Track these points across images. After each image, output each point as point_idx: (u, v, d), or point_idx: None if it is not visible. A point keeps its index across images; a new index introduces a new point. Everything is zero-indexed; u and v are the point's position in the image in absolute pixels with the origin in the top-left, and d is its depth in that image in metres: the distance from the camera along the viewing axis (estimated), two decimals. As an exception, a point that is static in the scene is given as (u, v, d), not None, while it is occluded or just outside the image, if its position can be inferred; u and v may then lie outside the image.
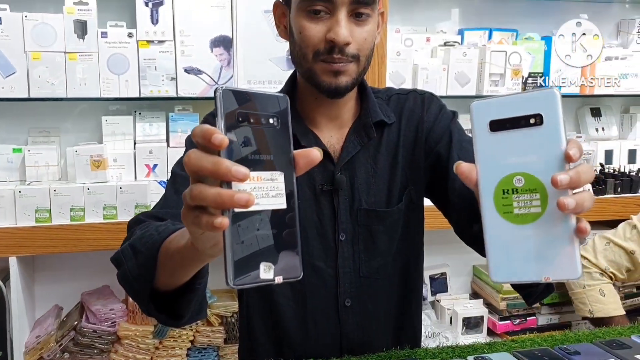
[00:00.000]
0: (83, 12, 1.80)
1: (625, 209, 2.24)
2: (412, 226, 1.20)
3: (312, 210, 1.12)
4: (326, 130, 1.14)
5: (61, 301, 2.08)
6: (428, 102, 1.19)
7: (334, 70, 1.02)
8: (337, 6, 0.99)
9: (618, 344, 1.14)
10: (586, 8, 2.43)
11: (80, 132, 2.01)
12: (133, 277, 0.86)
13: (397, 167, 1.16)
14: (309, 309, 1.15)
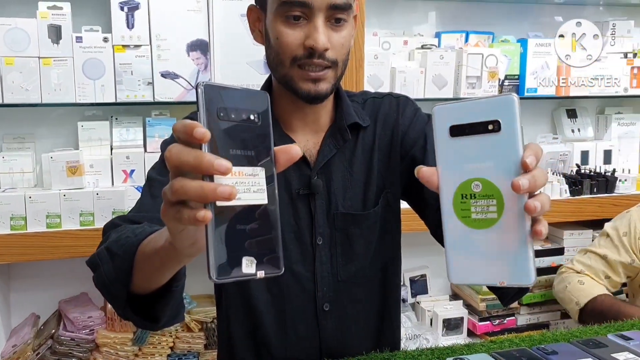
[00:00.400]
0: (57, 16, 1.78)
1: (601, 209, 2.27)
2: (389, 229, 1.20)
3: (290, 214, 1.13)
4: (302, 135, 1.14)
5: (38, 309, 2.05)
6: (403, 105, 1.20)
7: (313, 78, 1.03)
8: (315, 12, 1.00)
9: (595, 343, 1.16)
10: (561, 10, 2.47)
11: (55, 138, 1.98)
12: (109, 280, 0.85)
13: (373, 170, 1.16)
14: (287, 314, 1.15)
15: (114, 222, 0.99)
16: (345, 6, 1.01)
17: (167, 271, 0.78)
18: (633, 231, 1.84)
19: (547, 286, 2.28)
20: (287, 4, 1.00)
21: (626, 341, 1.17)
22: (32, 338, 1.87)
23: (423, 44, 2.19)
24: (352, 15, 1.08)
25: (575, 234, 2.32)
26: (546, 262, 2.27)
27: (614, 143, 2.46)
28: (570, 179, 2.27)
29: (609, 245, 1.87)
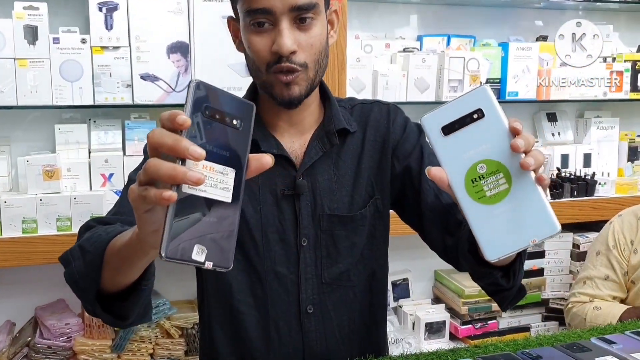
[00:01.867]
0: (33, 17, 1.74)
1: (581, 212, 2.29)
2: (377, 236, 1.21)
3: (274, 215, 1.13)
4: (288, 136, 1.15)
5: (14, 316, 2.00)
6: (394, 114, 1.22)
7: (284, 81, 1.04)
8: (277, 17, 1.01)
9: (578, 347, 1.17)
10: (541, 15, 2.49)
11: (31, 141, 1.94)
12: (80, 275, 0.89)
13: (361, 175, 1.17)
14: (270, 316, 1.15)
15: (89, 224, 1.01)
16: (308, 6, 1.01)
17: (135, 266, 0.81)
18: (618, 241, 1.84)
19: (528, 289, 2.29)
20: (250, 13, 1.02)
21: (609, 345, 1.17)
22: (7, 346, 1.83)
23: (405, 47, 2.19)
24: (327, 11, 1.09)
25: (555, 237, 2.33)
26: (527, 265, 2.28)
27: (594, 146, 2.48)
28: (551, 182, 2.28)
29: (605, 264, 1.85)
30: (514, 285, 1.01)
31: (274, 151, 1.11)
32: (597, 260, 1.87)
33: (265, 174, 1.10)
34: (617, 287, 1.83)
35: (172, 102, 1.87)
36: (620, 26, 2.56)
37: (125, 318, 0.91)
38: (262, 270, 1.14)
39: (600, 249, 1.88)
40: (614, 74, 2.40)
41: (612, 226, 1.87)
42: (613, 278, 1.82)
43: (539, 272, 2.31)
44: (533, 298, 2.31)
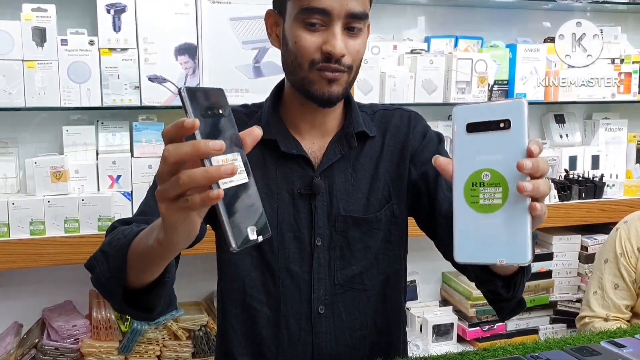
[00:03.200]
0: (42, 18, 1.75)
1: (589, 214, 2.28)
2: (392, 241, 1.21)
3: (290, 213, 1.14)
4: (309, 138, 1.17)
5: (21, 318, 2.00)
6: (415, 122, 1.23)
7: (329, 79, 1.06)
8: (333, 20, 1.03)
9: (588, 351, 1.16)
10: (549, 16, 2.48)
11: (39, 142, 1.94)
12: (105, 279, 0.92)
13: (378, 179, 1.18)
14: (282, 314, 1.16)
15: (113, 225, 1.04)
16: (362, 15, 1.05)
17: (160, 266, 0.85)
18: (626, 249, 1.83)
19: (536, 291, 2.28)
20: (307, 10, 1.03)
21: (619, 348, 1.16)
22: (14, 348, 1.83)
23: (412, 49, 2.19)
24: (367, 24, 1.12)
25: (564, 239, 2.33)
26: (535, 267, 2.27)
27: (602, 148, 2.47)
28: (559, 184, 2.27)
29: (614, 272, 1.84)
30: (514, 297, 1.02)
31: (294, 151, 1.13)
32: (606, 268, 1.86)
33: (284, 173, 1.14)
34: (628, 296, 1.82)
35: (179, 104, 1.86)
36: (628, 28, 2.55)
37: (152, 310, 0.94)
38: (275, 268, 1.15)
39: (608, 257, 1.87)
40: (622, 75, 2.39)
41: (619, 233, 1.86)
42: (623, 286, 1.81)
43: (547, 275, 2.30)
44: (541, 300, 2.29)
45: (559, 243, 2.32)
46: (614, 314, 1.82)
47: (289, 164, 1.14)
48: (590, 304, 1.86)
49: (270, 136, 1.13)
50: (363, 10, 1.05)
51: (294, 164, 1.15)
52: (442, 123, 2.29)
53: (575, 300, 2.35)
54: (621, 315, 1.82)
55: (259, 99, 1.22)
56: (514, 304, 1.05)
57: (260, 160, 1.15)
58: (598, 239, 2.32)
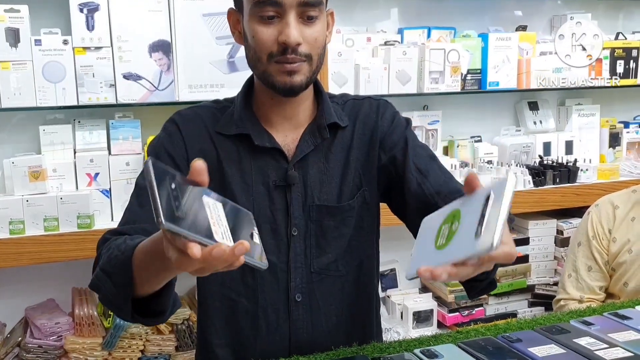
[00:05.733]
0: (15, 19, 1.76)
1: (564, 198, 2.32)
2: (365, 227, 1.24)
3: (266, 205, 1.17)
4: (281, 130, 1.19)
5: (4, 317, 2.01)
6: (383, 109, 1.25)
7: (288, 70, 1.08)
8: (286, 10, 1.05)
9: (558, 330, 1.19)
10: (520, 5, 2.52)
11: (17, 142, 1.95)
12: (113, 296, 0.95)
13: (350, 168, 1.21)
14: (260, 304, 1.18)
15: (105, 237, 1.06)
16: (316, 2, 1.06)
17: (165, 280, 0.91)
18: (597, 232, 1.87)
19: (514, 276, 2.33)
20: (259, 3, 1.05)
21: (588, 326, 1.20)
22: (-2, 347, 1.85)
23: (386, 41, 2.22)
24: (327, 11, 1.14)
25: (540, 223, 2.38)
26: (512, 253, 2.31)
27: (575, 134, 2.51)
28: (533, 169, 2.31)
29: (587, 254, 1.88)
30: (487, 278, 1.05)
31: (267, 144, 1.15)
32: (580, 251, 1.90)
33: (259, 166, 1.16)
34: (601, 277, 1.86)
35: (155, 101, 1.89)
36: (599, 14, 2.59)
37: (163, 313, 0.98)
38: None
39: (581, 240, 1.91)
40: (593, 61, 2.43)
41: (590, 217, 1.90)
42: (595, 268, 1.86)
43: (524, 259, 2.34)
44: (519, 284, 2.34)
45: (535, 228, 2.36)
46: (587, 295, 1.86)
47: (263, 157, 1.17)
48: (565, 287, 1.91)
49: (243, 131, 1.16)
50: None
51: (268, 157, 1.17)
52: (418, 113, 2.32)
53: (553, 284, 2.39)
54: (595, 297, 1.86)
55: (234, 94, 1.23)
56: (485, 284, 1.08)
57: (235, 155, 1.17)
58: (573, 223, 2.36)
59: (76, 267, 1.88)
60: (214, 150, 1.17)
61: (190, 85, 1.90)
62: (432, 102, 2.39)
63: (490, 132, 2.51)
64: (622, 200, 1.89)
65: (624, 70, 2.48)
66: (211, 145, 1.17)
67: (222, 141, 1.17)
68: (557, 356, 1.08)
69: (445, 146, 2.42)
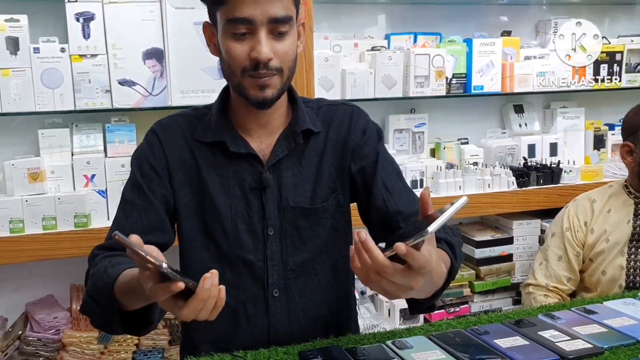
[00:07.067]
0: (14, 28, 1.84)
1: (547, 199, 2.38)
2: (339, 228, 1.30)
3: (243, 207, 1.23)
4: (256, 137, 1.25)
5: (5, 312, 2.10)
6: (356, 116, 1.31)
7: (260, 84, 1.14)
8: (257, 27, 1.10)
9: (525, 323, 1.25)
10: (506, 11, 2.58)
11: (17, 145, 2.04)
12: (104, 321, 1.10)
13: (323, 171, 1.27)
14: (240, 300, 1.25)
15: (93, 253, 1.19)
16: (285, 19, 1.12)
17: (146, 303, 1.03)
18: (572, 224, 1.96)
19: (498, 274, 2.39)
20: (232, 21, 1.11)
21: (554, 320, 1.27)
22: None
23: (373, 46, 2.29)
24: (298, 24, 1.19)
25: (524, 223, 2.43)
26: (496, 252, 2.38)
27: (560, 136, 2.57)
28: (517, 171, 2.38)
29: (559, 245, 1.98)
30: (427, 303, 1.15)
31: (242, 150, 1.22)
32: (552, 241, 1.99)
33: (235, 171, 1.24)
34: (569, 268, 1.95)
35: (149, 105, 1.97)
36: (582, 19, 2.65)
37: (151, 323, 1.10)
38: (232, 258, 1.24)
39: (555, 231, 2.00)
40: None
41: (568, 210, 1.99)
42: (565, 259, 1.95)
43: (508, 258, 2.40)
44: (503, 283, 2.40)
45: (519, 228, 2.42)
46: (554, 284, 1.96)
47: (239, 162, 1.23)
48: (535, 273, 2.01)
49: (219, 138, 1.22)
50: (286, 14, 1.11)
51: (244, 162, 1.23)
52: (404, 116, 2.39)
53: (537, 282, 2.45)
54: (560, 286, 1.95)
55: None
56: (426, 307, 1.18)
57: (213, 161, 1.23)
58: (557, 223, 2.42)
59: (74, 264, 1.95)
60: (192, 157, 1.24)
61: (182, 90, 1.98)
62: (418, 105, 2.45)
63: (477, 134, 2.57)
64: (600, 194, 1.98)
65: (607, 74, 2.54)
66: (189, 153, 1.24)
67: (200, 148, 1.24)
68: (520, 347, 1.14)
69: (432, 148, 2.49)
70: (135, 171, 1.24)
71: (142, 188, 1.22)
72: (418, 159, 2.37)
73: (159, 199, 1.22)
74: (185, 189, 1.24)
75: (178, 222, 1.26)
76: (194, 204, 1.24)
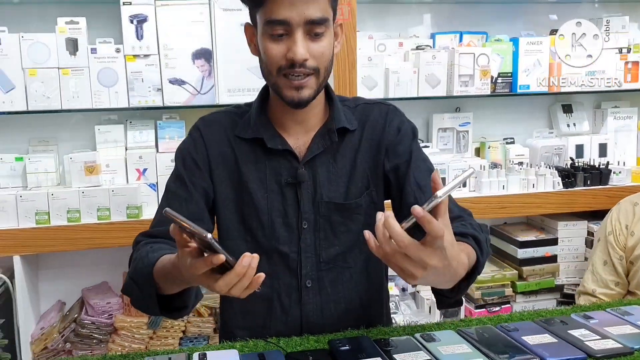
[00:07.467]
0: (74, 30, 1.96)
1: (594, 200, 2.34)
2: (372, 224, 1.31)
3: (279, 201, 1.28)
4: (293, 134, 1.30)
5: (64, 297, 2.24)
6: (392, 115, 1.34)
7: (296, 85, 1.18)
8: (293, 28, 1.15)
9: (556, 322, 1.25)
10: (555, 9, 2.54)
11: (75, 140, 2.17)
12: (142, 301, 1.16)
13: (357, 168, 1.31)
14: (274, 289, 1.30)
15: (137, 239, 1.27)
16: (321, 21, 1.16)
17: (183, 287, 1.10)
18: (615, 228, 1.93)
19: (541, 275, 2.36)
20: (270, 22, 1.16)
21: (586, 320, 1.26)
22: (57, 322, 2.07)
23: (418, 45, 2.30)
24: (334, 25, 1.23)
25: (569, 224, 2.40)
26: (540, 252, 2.35)
27: (610, 136, 2.52)
28: (563, 171, 2.35)
29: (603, 249, 1.96)
30: (454, 297, 1.15)
31: (279, 147, 1.27)
32: (598, 246, 1.97)
33: (272, 166, 1.30)
34: (615, 272, 1.92)
35: (198, 103, 2.06)
36: (637, 17, 2.58)
37: (185, 307, 1.16)
38: (268, 249, 1.29)
39: (600, 236, 1.98)
40: (630, 64, 2.44)
41: (611, 214, 1.96)
42: (609, 263, 1.92)
43: (552, 259, 2.38)
44: (547, 284, 2.37)
45: (565, 229, 2.39)
46: (601, 289, 1.93)
47: (277, 158, 1.28)
48: (584, 280, 1.99)
49: (258, 135, 1.28)
50: (322, 15, 1.15)
51: (281, 158, 1.28)
52: (448, 115, 2.40)
53: (582, 284, 2.42)
54: (608, 291, 1.92)
55: None
56: (452, 301, 1.18)
57: (251, 156, 1.29)
58: (604, 225, 2.38)
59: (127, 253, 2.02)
60: (232, 152, 1.30)
61: (229, 89, 2.06)
62: (463, 104, 2.46)
63: (523, 134, 2.55)
64: None
65: (662, 73, 2.47)
66: (229, 148, 1.30)
67: (239, 144, 1.30)
68: (547, 344, 1.14)
69: (477, 147, 2.49)
70: (178, 164, 1.31)
71: (184, 180, 1.28)
72: (462, 158, 2.38)
73: (200, 191, 1.28)
74: (225, 182, 1.30)
75: (217, 214, 1.32)
76: (232, 197, 1.30)
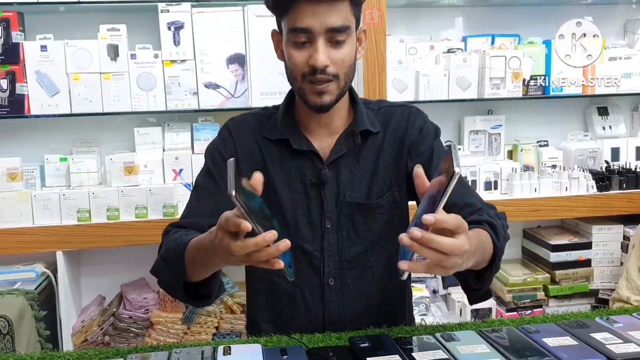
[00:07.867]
0: (115, 37, 2.06)
1: (630, 204, 2.31)
2: (395, 224, 1.37)
3: (303, 200, 1.33)
4: (318, 136, 1.34)
5: (104, 292, 2.34)
6: (414, 116, 1.38)
7: (318, 91, 1.23)
8: (315, 36, 1.20)
9: (579, 325, 1.24)
10: (590, 10, 2.51)
11: (116, 142, 2.27)
12: (170, 281, 1.19)
13: (379, 169, 1.34)
14: (298, 286, 1.34)
15: (167, 229, 1.28)
16: (342, 28, 1.20)
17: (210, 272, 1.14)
18: None
19: (575, 279, 2.34)
20: (293, 31, 1.21)
21: (610, 323, 1.24)
22: (97, 315, 2.16)
23: (449, 48, 2.32)
24: (359, 32, 1.28)
25: (604, 228, 2.37)
26: (573, 256, 2.33)
27: (648, 139, 2.48)
28: (598, 174, 2.32)
29: (639, 255, 1.94)
30: (482, 287, 1.18)
31: (304, 148, 1.32)
32: (633, 252, 1.95)
33: (297, 166, 1.35)
34: None
35: (232, 106, 2.13)
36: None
37: (209, 296, 1.20)
38: (292, 247, 1.31)
39: (635, 242, 1.95)
40: (668, 66, 2.39)
41: None
42: None
43: (585, 263, 2.35)
44: (580, 288, 2.35)
45: (599, 233, 2.36)
46: (635, 296, 1.90)
47: (302, 158, 1.33)
48: (619, 286, 1.97)
49: (284, 136, 1.32)
50: (343, 23, 1.19)
51: (306, 159, 1.33)
52: (480, 117, 2.40)
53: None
54: None
55: None
56: (481, 293, 1.21)
57: (278, 156, 1.34)
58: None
59: (163, 251, 2.15)
60: (259, 152, 1.35)
61: (261, 92, 2.12)
62: (495, 107, 2.45)
63: (557, 136, 2.53)
64: None
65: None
66: (257, 148, 1.35)
67: (267, 144, 1.35)
68: (567, 347, 1.13)
69: (509, 150, 2.48)
70: (208, 161, 1.37)
71: (213, 175, 1.33)
72: (494, 161, 2.38)
73: None
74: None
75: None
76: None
